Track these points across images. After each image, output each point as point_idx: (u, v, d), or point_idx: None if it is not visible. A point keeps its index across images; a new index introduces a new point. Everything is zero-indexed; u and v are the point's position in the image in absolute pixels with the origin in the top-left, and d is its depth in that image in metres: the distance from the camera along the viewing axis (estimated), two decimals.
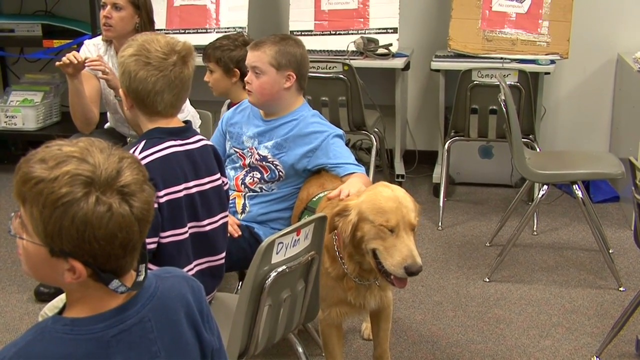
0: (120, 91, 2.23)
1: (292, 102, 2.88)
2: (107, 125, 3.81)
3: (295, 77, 2.81)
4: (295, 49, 2.82)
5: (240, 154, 2.95)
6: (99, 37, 3.63)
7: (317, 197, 2.72)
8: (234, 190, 2.93)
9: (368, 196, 2.40)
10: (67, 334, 1.30)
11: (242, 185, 2.93)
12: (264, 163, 2.88)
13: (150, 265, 2.04)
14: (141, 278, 1.36)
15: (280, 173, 2.87)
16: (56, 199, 1.22)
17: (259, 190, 2.91)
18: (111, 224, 1.25)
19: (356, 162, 2.84)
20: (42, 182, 1.23)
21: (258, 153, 2.89)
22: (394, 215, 2.32)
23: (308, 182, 2.84)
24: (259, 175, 2.90)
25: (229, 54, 3.31)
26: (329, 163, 2.81)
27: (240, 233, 2.81)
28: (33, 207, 1.24)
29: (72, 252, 1.25)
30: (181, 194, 2.18)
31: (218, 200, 2.31)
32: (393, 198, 2.36)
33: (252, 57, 2.83)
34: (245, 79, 2.87)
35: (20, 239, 1.30)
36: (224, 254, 2.37)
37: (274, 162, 2.87)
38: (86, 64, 3.27)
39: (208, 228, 2.27)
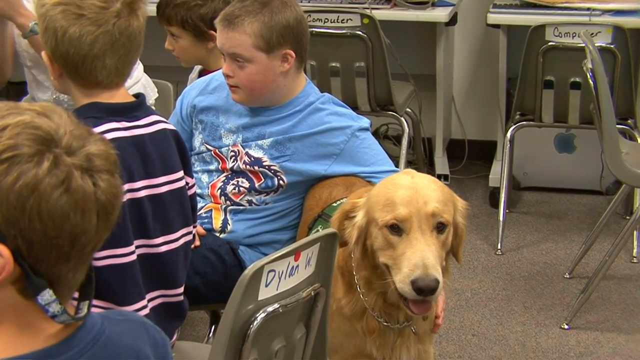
0: (43, 54, 2.27)
1: (292, 86, 2.89)
2: (25, 98, 3.79)
3: (294, 54, 2.80)
4: (285, 12, 2.77)
5: (216, 153, 2.95)
6: None
7: (337, 203, 2.71)
8: (209, 200, 2.94)
9: (378, 187, 2.42)
10: None
11: (222, 197, 2.93)
12: (255, 168, 2.88)
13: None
14: (82, 314, 1.38)
15: (281, 182, 2.88)
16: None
17: (246, 204, 2.91)
18: (64, 199, 1.29)
19: (394, 167, 2.90)
20: None
21: (247, 154, 2.89)
22: (405, 206, 2.29)
23: (333, 180, 2.86)
24: (246, 184, 2.90)
25: (197, 12, 3.34)
26: (361, 172, 2.87)
27: (199, 243, 2.78)
28: None
29: (2, 227, 1.28)
30: (124, 198, 2.15)
31: (179, 209, 2.34)
32: (409, 186, 2.34)
33: (228, 42, 2.79)
34: (223, 70, 2.85)
35: None
36: (183, 287, 2.39)
37: (272, 168, 2.87)
38: None
39: (163, 249, 2.30)
